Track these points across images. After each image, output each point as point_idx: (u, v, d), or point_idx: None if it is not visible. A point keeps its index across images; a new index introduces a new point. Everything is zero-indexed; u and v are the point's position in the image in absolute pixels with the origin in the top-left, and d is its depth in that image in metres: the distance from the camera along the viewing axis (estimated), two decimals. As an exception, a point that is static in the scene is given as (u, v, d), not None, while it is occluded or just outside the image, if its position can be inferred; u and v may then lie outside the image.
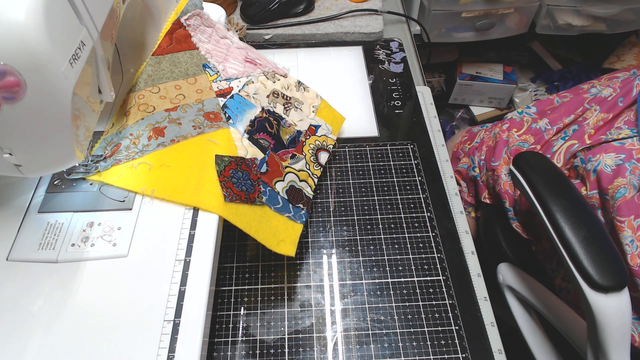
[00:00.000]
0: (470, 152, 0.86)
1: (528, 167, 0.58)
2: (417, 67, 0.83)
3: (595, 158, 0.65)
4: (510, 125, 0.81)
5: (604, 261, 0.49)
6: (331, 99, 0.67)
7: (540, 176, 0.57)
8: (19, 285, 0.42)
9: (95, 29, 0.40)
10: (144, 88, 0.55)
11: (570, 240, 0.50)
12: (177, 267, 0.44)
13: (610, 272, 0.48)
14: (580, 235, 0.50)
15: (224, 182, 0.48)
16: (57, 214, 0.47)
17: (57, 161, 0.41)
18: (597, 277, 0.48)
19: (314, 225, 0.59)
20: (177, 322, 0.40)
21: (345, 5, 0.89)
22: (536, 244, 0.74)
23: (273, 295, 0.53)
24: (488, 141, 0.83)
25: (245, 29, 0.82)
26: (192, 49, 0.60)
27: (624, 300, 0.48)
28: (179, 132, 0.52)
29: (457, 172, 0.89)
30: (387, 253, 0.56)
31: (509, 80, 1.41)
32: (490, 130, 0.85)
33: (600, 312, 0.47)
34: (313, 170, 0.58)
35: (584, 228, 0.51)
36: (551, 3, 1.14)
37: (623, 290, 0.48)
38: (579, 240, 0.50)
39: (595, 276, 0.48)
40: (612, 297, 0.47)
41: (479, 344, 0.50)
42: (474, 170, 0.84)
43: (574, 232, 0.51)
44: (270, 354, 0.49)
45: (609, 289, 0.47)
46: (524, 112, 0.83)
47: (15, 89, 0.33)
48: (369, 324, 0.51)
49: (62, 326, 0.40)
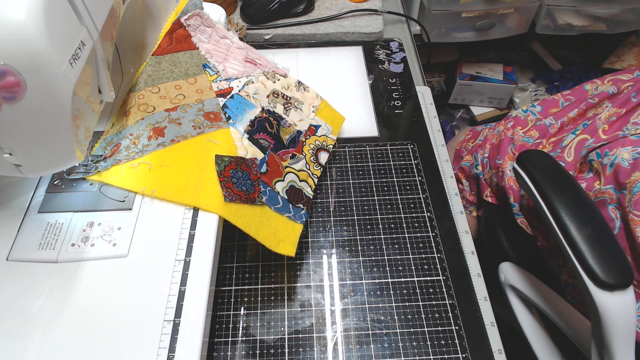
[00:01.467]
0: (473, 150, 0.86)
1: (532, 166, 0.58)
2: (417, 67, 0.83)
3: (611, 152, 0.65)
4: (514, 124, 0.81)
5: (609, 259, 0.49)
6: (331, 99, 0.67)
7: (544, 174, 0.56)
8: (19, 285, 0.42)
9: (95, 29, 0.40)
10: (144, 88, 0.55)
11: (576, 238, 0.50)
12: (177, 267, 0.44)
13: (615, 270, 0.48)
14: (585, 233, 0.50)
15: (224, 182, 0.48)
16: (57, 214, 0.47)
17: (57, 161, 0.41)
18: (602, 275, 0.48)
19: (314, 225, 0.59)
20: (177, 322, 0.40)
21: (345, 5, 0.89)
22: (541, 240, 0.74)
23: (273, 295, 0.53)
24: (492, 139, 0.83)
25: (245, 29, 0.82)
26: (192, 49, 0.60)
27: (629, 299, 0.47)
28: (179, 132, 0.52)
29: (459, 170, 0.89)
30: (387, 253, 0.56)
31: (509, 80, 1.41)
32: (494, 128, 0.85)
33: (605, 310, 0.47)
34: (313, 170, 0.58)
35: (589, 226, 0.51)
36: (551, 3, 1.14)
37: (628, 289, 0.47)
38: (584, 238, 0.50)
39: (600, 274, 0.48)
40: (617, 295, 0.47)
41: (479, 344, 0.50)
42: (476, 168, 0.84)
43: (579, 230, 0.51)
44: (270, 354, 0.49)
45: (614, 286, 0.47)
46: (529, 111, 0.82)
47: (15, 89, 0.33)
48: (369, 324, 0.51)
49: (62, 326, 0.40)
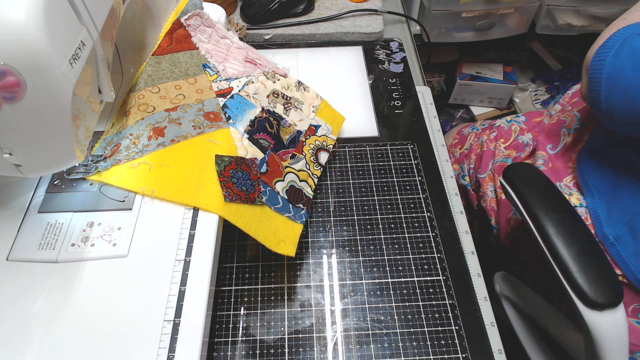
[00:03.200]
0: (460, 160, 0.86)
1: (518, 179, 0.56)
2: (417, 67, 0.83)
3: None
4: (498, 135, 0.80)
5: (598, 278, 0.47)
6: (331, 99, 0.67)
7: (530, 189, 0.55)
8: (19, 285, 0.42)
9: (95, 29, 0.40)
10: (144, 88, 0.55)
11: (563, 256, 0.49)
12: (177, 267, 0.44)
13: (604, 289, 0.47)
14: (573, 251, 0.49)
15: (224, 182, 0.48)
16: (57, 214, 0.47)
17: (57, 161, 0.41)
18: (591, 294, 0.46)
19: (314, 225, 0.59)
20: (177, 322, 0.40)
21: (345, 5, 0.89)
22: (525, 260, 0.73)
23: (273, 295, 0.53)
24: (477, 149, 0.82)
25: (245, 29, 0.82)
26: (192, 49, 0.60)
27: (619, 317, 0.47)
28: (179, 132, 0.52)
29: None
30: (387, 253, 0.56)
31: (509, 80, 1.41)
32: (479, 136, 0.84)
33: (596, 330, 0.46)
34: (313, 170, 0.58)
35: (577, 243, 0.50)
36: (551, 3, 1.14)
37: (618, 307, 0.47)
38: (572, 256, 0.49)
39: (589, 293, 0.47)
40: (607, 314, 0.46)
41: (479, 344, 0.50)
42: (464, 179, 0.84)
43: (567, 248, 0.49)
44: (270, 354, 0.49)
45: (604, 306, 0.46)
46: (513, 121, 0.81)
47: (15, 89, 0.33)
48: (369, 324, 0.51)
49: (62, 326, 0.40)
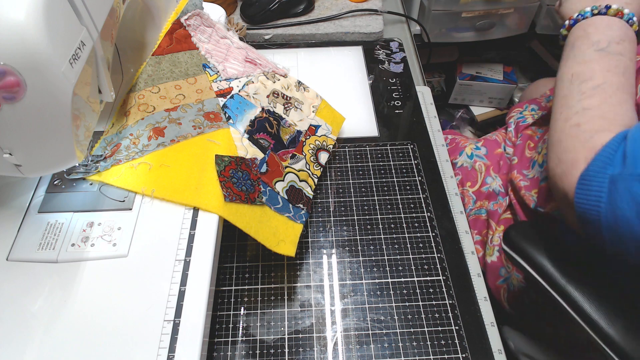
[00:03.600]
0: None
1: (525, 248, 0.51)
2: (417, 67, 0.83)
3: None
4: (463, 178, 0.74)
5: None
6: (331, 99, 0.67)
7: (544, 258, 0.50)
8: (19, 285, 0.42)
9: (95, 29, 0.40)
10: (144, 88, 0.55)
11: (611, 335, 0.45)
12: (177, 267, 0.44)
13: None
14: (618, 325, 0.45)
15: (224, 182, 0.48)
16: (57, 214, 0.47)
17: (57, 161, 0.41)
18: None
19: (314, 225, 0.59)
20: (177, 322, 0.40)
21: (345, 5, 0.89)
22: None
23: (273, 295, 0.53)
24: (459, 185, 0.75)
25: (245, 29, 0.82)
26: (192, 49, 0.60)
27: None
28: (179, 132, 0.52)
29: None
30: (387, 253, 0.56)
31: (509, 80, 1.41)
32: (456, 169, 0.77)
33: None
34: (313, 170, 0.58)
35: (620, 316, 0.45)
36: (551, 3, 1.14)
37: None
38: (619, 332, 0.44)
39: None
40: None
41: (479, 344, 0.50)
42: None
43: (612, 326, 0.45)
44: (270, 354, 0.49)
45: None
46: (474, 156, 0.75)
47: (15, 89, 0.33)
48: (369, 324, 0.51)
49: (62, 326, 0.40)
